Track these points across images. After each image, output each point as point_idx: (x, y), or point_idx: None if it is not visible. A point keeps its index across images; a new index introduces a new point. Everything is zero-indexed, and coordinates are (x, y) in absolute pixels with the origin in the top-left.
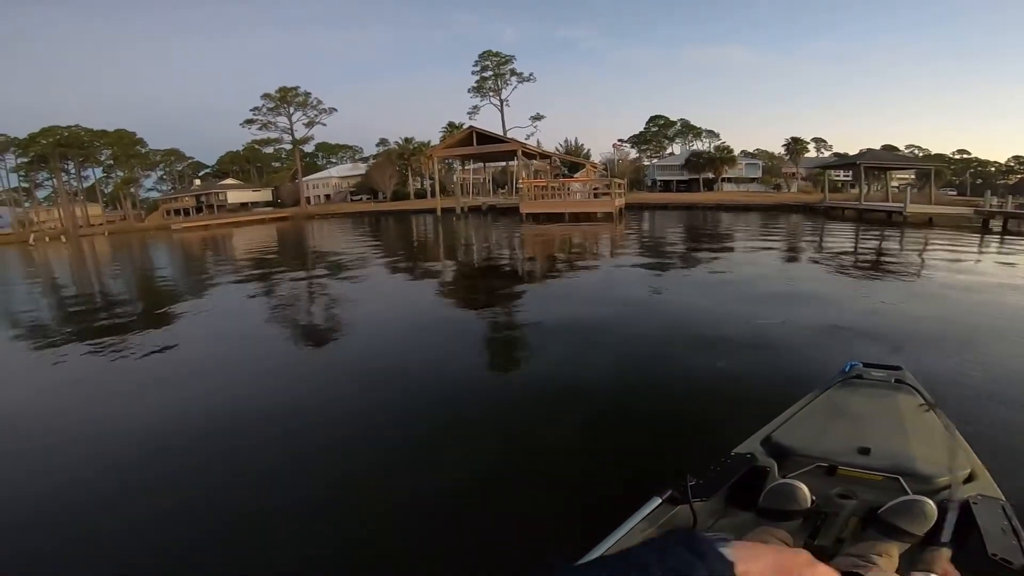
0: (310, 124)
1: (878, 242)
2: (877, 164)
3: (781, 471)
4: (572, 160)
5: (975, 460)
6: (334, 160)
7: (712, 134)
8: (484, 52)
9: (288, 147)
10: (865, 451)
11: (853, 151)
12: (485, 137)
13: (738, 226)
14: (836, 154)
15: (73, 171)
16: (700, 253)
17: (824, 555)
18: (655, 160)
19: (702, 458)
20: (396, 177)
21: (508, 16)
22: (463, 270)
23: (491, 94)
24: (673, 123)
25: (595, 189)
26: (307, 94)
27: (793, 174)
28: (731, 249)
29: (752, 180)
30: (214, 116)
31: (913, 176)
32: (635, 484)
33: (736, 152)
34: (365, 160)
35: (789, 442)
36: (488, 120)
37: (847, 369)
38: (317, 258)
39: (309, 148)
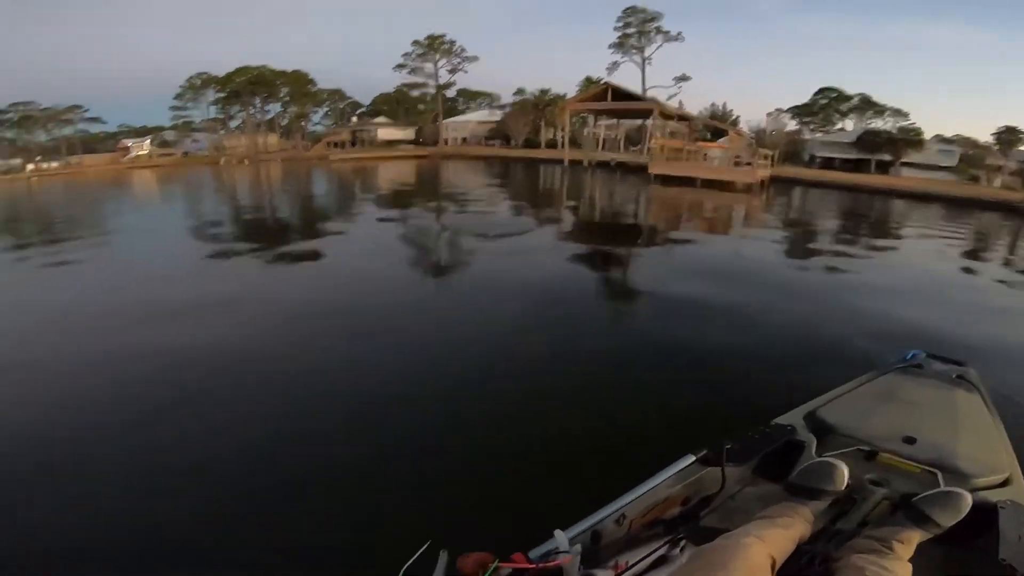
0: (453, 71)
1: None
2: None
3: (819, 448)
4: (716, 125)
5: (1015, 466)
6: (473, 106)
7: (899, 113)
8: (628, 8)
9: (432, 91)
10: (911, 440)
11: None
12: (621, 94)
13: (910, 219)
14: None
15: (258, 106)
16: (846, 244)
17: (842, 539)
18: (818, 135)
19: (743, 424)
20: (529, 126)
21: None
22: (584, 222)
23: (633, 51)
24: (849, 97)
25: (736, 158)
26: (452, 42)
27: (999, 167)
28: (889, 243)
29: (943, 168)
30: (372, 59)
31: None
32: None
33: (928, 136)
34: (502, 108)
35: (833, 420)
36: (627, 77)
37: (908, 357)
38: (452, 195)
39: (451, 93)
